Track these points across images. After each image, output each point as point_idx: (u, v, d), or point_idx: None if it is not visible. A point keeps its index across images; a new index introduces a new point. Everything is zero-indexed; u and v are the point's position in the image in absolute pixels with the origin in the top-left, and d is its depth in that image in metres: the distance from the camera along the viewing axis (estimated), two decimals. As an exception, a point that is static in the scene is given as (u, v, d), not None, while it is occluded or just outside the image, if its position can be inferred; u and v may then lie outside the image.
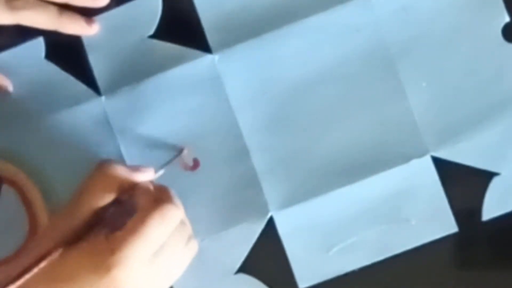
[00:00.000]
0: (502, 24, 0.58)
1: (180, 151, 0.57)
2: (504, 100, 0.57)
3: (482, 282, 0.57)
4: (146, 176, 0.55)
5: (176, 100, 0.58)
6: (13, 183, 0.58)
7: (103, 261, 0.50)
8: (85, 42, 0.58)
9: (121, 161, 0.58)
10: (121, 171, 0.53)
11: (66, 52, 0.58)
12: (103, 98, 0.58)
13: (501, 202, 0.57)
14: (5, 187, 0.58)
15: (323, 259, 0.57)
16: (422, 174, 0.57)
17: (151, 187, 0.54)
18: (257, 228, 0.57)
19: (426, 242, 0.57)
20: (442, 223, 0.57)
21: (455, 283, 0.57)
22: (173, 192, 0.54)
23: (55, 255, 0.51)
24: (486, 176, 0.57)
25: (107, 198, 0.53)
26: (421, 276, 0.57)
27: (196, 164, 0.58)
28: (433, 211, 0.57)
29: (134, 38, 0.58)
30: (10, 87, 0.58)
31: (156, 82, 0.58)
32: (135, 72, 0.58)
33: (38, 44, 0.58)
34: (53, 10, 0.56)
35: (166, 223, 0.52)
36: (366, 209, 0.57)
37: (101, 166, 0.53)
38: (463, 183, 0.57)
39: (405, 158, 0.57)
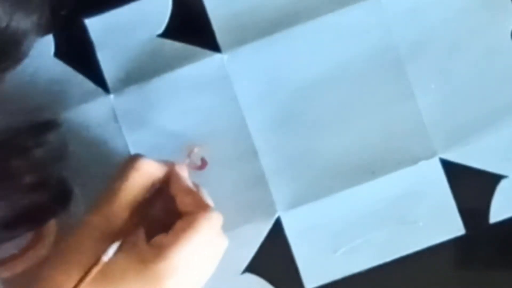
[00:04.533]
0: (511, 26, 0.58)
1: (191, 150, 0.57)
2: (512, 102, 0.57)
3: (489, 284, 0.57)
4: (179, 171, 0.54)
5: (185, 99, 0.58)
6: (20, 181, 0.58)
7: (152, 268, 0.50)
8: (94, 40, 0.58)
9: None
10: (154, 166, 0.53)
11: (75, 50, 0.58)
12: (111, 96, 0.58)
13: (508, 205, 0.57)
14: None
15: (330, 260, 0.57)
16: (430, 176, 0.57)
17: (191, 187, 0.54)
18: (264, 228, 0.57)
19: (433, 244, 0.57)
20: (450, 225, 0.57)
21: (462, 285, 0.57)
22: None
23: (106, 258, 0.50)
24: (493, 179, 0.57)
25: (142, 194, 0.52)
26: (428, 278, 0.57)
27: (203, 163, 0.58)
28: (440, 213, 0.57)
29: (143, 36, 0.58)
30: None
31: (164, 81, 0.58)
32: (144, 70, 0.58)
33: (47, 42, 0.58)
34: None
35: (212, 230, 0.52)
36: (373, 210, 0.57)
37: (132, 162, 0.53)
38: (470, 185, 0.57)
39: (413, 160, 0.57)
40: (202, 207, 0.52)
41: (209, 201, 0.54)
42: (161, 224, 0.53)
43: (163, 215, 0.54)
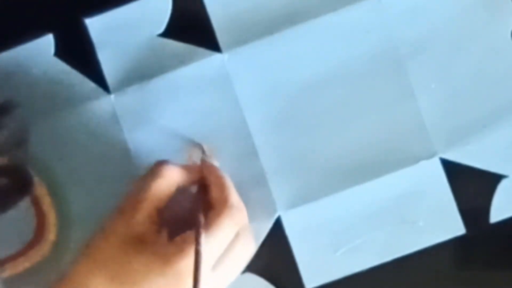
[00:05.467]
0: (511, 27, 0.58)
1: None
2: (513, 102, 0.57)
3: (490, 284, 0.57)
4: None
5: (185, 99, 0.58)
6: (21, 180, 0.58)
7: (173, 265, 0.50)
8: (95, 40, 0.58)
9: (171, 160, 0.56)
10: (179, 173, 0.53)
11: (75, 50, 0.58)
12: (112, 96, 0.58)
13: (509, 205, 0.57)
14: (13, 184, 0.58)
15: (330, 260, 0.57)
16: (430, 176, 0.57)
17: (223, 180, 0.54)
18: (265, 228, 0.57)
19: (433, 243, 0.57)
20: (450, 225, 0.57)
21: (462, 285, 0.57)
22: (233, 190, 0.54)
23: None
24: (494, 178, 0.57)
25: (166, 200, 0.53)
26: (428, 277, 0.57)
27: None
28: (441, 213, 0.57)
29: (144, 36, 0.58)
30: None
31: (165, 80, 0.58)
32: (144, 70, 0.58)
33: (47, 41, 0.58)
34: None
35: (234, 228, 0.52)
36: (374, 210, 0.57)
37: (157, 169, 0.53)
38: (471, 185, 0.57)
39: (414, 160, 0.57)
40: (225, 203, 0.52)
41: (234, 196, 0.54)
42: (183, 221, 0.53)
43: (185, 212, 0.54)
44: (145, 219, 0.52)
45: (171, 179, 0.53)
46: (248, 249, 0.54)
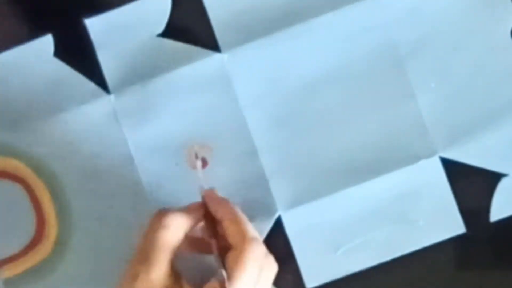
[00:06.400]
0: (511, 25, 0.58)
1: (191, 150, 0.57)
2: (513, 101, 0.57)
3: (490, 283, 0.57)
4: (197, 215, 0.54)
5: (185, 99, 0.58)
6: (21, 181, 0.58)
7: None
8: (94, 40, 0.58)
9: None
10: (183, 219, 0.53)
11: (75, 50, 0.58)
12: (112, 96, 0.58)
13: (509, 203, 0.57)
14: (13, 184, 0.58)
15: (330, 259, 0.57)
16: (430, 175, 0.57)
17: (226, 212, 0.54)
18: (265, 227, 0.57)
19: (433, 242, 0.57)
20: (450, 224, 0.57)
21: (462, 284, 0.57)
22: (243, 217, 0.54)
23: None
24: (494, 177, 0.57)
25: (177, 247, 0.52)
26: (429, 276, 0.57)
27: (204, 163, 0.58)
28: (441, 212, 0.57)
29: (143, 36, 0.58)
30: None
31: (165, 80, 0.58)
32: (144, 70, 0.58)
33: (47, 41, 0.58)
34: None
35: (258, 263, 0.52)
36: (374, 209, 0.57)
37: (161, 220, 0.52)
38: (471, 184, 0.57)
39: (414, 159, 0.57)
40: (243, 239, 0.52)
41: (250, 228, 0.53)
42: (199, 262, 0.55)
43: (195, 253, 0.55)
44: (163, 273, 0.51)
45: (176, 227, 0.52)
46: (273, 270, 0.54)
